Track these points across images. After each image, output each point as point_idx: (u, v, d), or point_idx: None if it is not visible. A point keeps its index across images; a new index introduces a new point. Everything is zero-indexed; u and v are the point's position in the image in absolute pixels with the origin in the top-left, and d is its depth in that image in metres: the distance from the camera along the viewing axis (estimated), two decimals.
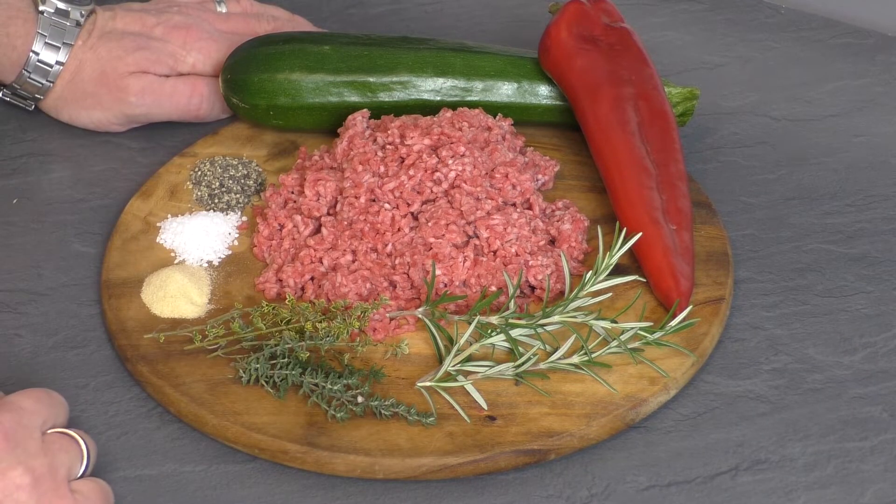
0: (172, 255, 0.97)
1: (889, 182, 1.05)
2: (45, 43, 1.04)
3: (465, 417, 0.85)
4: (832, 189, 1.05)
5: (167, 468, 0.84)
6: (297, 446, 0.84)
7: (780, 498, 0.83)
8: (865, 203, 1.03)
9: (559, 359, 0.88)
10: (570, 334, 0.89)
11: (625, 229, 0.93)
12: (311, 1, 1.23)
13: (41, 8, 1.04)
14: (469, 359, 0.88)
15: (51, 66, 1.05)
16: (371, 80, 1.04)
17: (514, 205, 0.97)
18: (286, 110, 1.05)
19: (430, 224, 0.93)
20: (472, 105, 1.05)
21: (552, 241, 0.97)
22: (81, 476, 0.80)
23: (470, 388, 0.86)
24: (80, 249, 0.99)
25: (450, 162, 0.95)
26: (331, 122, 1.05)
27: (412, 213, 0.95)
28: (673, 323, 0.90)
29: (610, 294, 0.93)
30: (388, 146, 0.97)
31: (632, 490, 0.83)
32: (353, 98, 1.04)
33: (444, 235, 0.93)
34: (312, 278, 0.94)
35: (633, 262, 0.95)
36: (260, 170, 1.03)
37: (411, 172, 0.95)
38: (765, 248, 0.99)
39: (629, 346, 0.89)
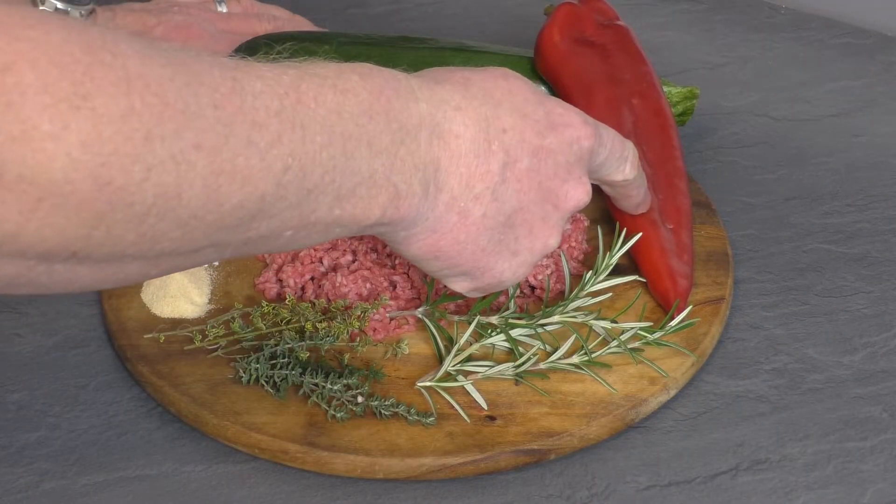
0: None
1: (889, 182, 1.05)
2: None
3: (465, 417, 0.85)
4: (832, 189, 1.05)
5: (167, 468, 0.84)
6: (297, 446, 0.84)
7: (780, 498, 0.83)
8: (865, 203, 1.03)
9: (559, 359, 0.88)
10: (570, 334, 0.89)
11: (625, 230, 0.93)
12: (312, 1, 1.23)
13: (40, 8, 1.04)
14: (469, 359, 0.88)
15: None
16: None
17: None
18: None
19: None
20: None
21: None
22: None
23: (470, 388, 0.86)
24: None
25: None
26: None
27: None
28: (673, 323, 0.90)
29: (610, 294, 0.93)
30: None
31: (632, 490, 0.83)
32: None
33: None
34: (312, 278, 0.94)
35: (632, 262, 0.95)
36: None
37: None
38: (765, 248, 0.99)
39: (629, 346, 0.89)
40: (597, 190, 1.01)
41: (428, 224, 0.75)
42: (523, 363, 0.88)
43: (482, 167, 0.75)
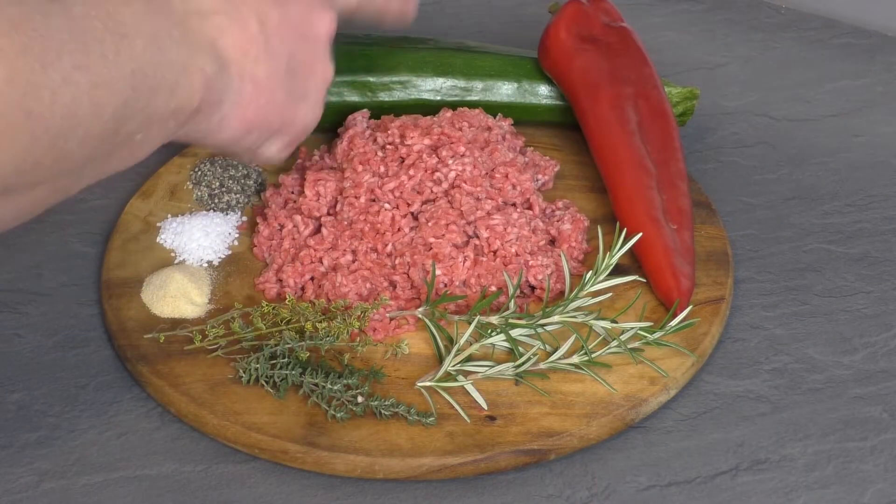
0: (172, 255, 0.97)
1: (889, 182, 1.05)
2: None
3: (465, 417, 0.85)
4: (832, 189, 1.05)
5: (167, 468, 0.84)
6: (297, 446, 0.84)
7: (780, 498, 0.83)
8: (865, 203, 1.03)
9: (559, 359, 0.88)
10: (570, 334, 0.89)
11: (625, 229, 0.93)
12: None
13: None
14: (469, 359, 0.88)
15: None
16: (371, 79, 1.04)
17: (514, 205, 0.97)
18: None
19: (430, 224, 0.94)
20: (472, 105, 1.05)
21: (552, 241, 0.97)
22: None
23: (470, 388, 0.86)
24: (80, 249, 0.99)
25: (450, 162, 0.95)
26: (331, 122, 1.05)
27: (412, 213, 0.95)
28: (673, 323, 0.90)
29: (610, 294, 0.93)
30: (388, 146, 0.97)
31: (632, 490, 0.83)
32: (353, 98, 1.04)
33: (444, 235, 0.93)
34: (312, 278, 0.94)
35: (633, 262, 0.95)
36: (260, 170, 1.03)
37: (411, 172, 0.95)
38: (765, 248, 0.99)
39: (629, 346, 0.89)
40: (597, 190, 1.01)
41: (232, 99, 0.83)
42: (523, 363, 0.88)
43: (246, 33, 0.83)
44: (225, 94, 0.82)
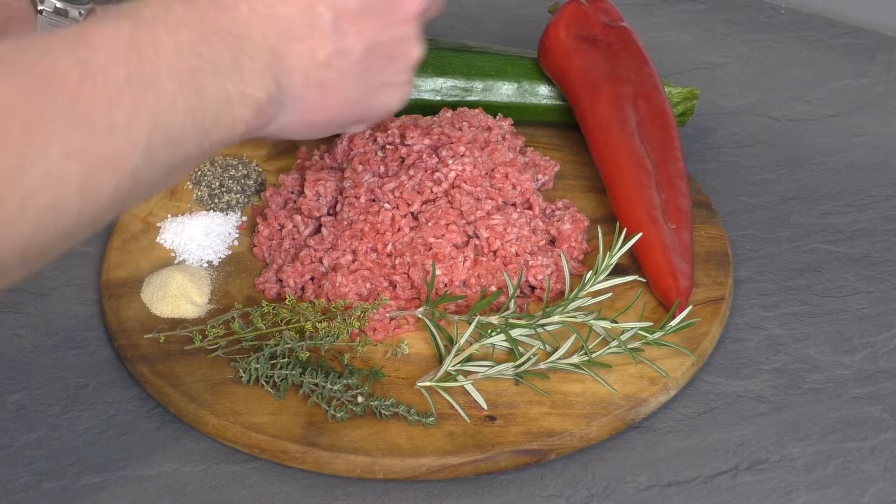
0: (172, 255, 0.97)
1: (889, 182, 1.05)
2: None
3: (465, 417, 0.85)
4: (832, 189, 1.05)
5: (167, 468, 0.84)
6: (297, 446, 0.84)
7: (780, 498, 0.83)
8: (865, 203, 1.03)
9: (559, 359, 0.88)
10: (570, 334, 0.89)
11: (625, 229, 0.93)
12: None
13: (40, 7, 1.04)
14: (469, 359, 0.88)
15: None
16: None
17: (514, 205, 0.97)
18: None
19: (430, 224, 0.94)
20: (472, 105, 1.05)
21: (552, 241, 0.97)
22: None
23: (470, 388, 0.86)
24: (80, 249, 0.99)
25: (450, 162, 0.95)
26: None
27: (412, 213, 0.95)
28: (673, 323, 0.90)
29: (610, 294, 0.93)
30: (388, 146, 0.97)
31: (632, 490, 0.83)
32: None
33: (444, 235, 0.93)
34: (312, 278, 0.94)
35: (633, 262, 0.95)
36: (260, 170, 1.03)
37: (411, 172, 0.95)
38: (765, 248, 0.99)
39: (629, 346, 0.89)
40: (597, 190, 1.01)
41: (294, 107, 0.76)
42: (523, 363, 0.88)
43: (318, 32, 0.75)
44: (284, 103, 0.75)
